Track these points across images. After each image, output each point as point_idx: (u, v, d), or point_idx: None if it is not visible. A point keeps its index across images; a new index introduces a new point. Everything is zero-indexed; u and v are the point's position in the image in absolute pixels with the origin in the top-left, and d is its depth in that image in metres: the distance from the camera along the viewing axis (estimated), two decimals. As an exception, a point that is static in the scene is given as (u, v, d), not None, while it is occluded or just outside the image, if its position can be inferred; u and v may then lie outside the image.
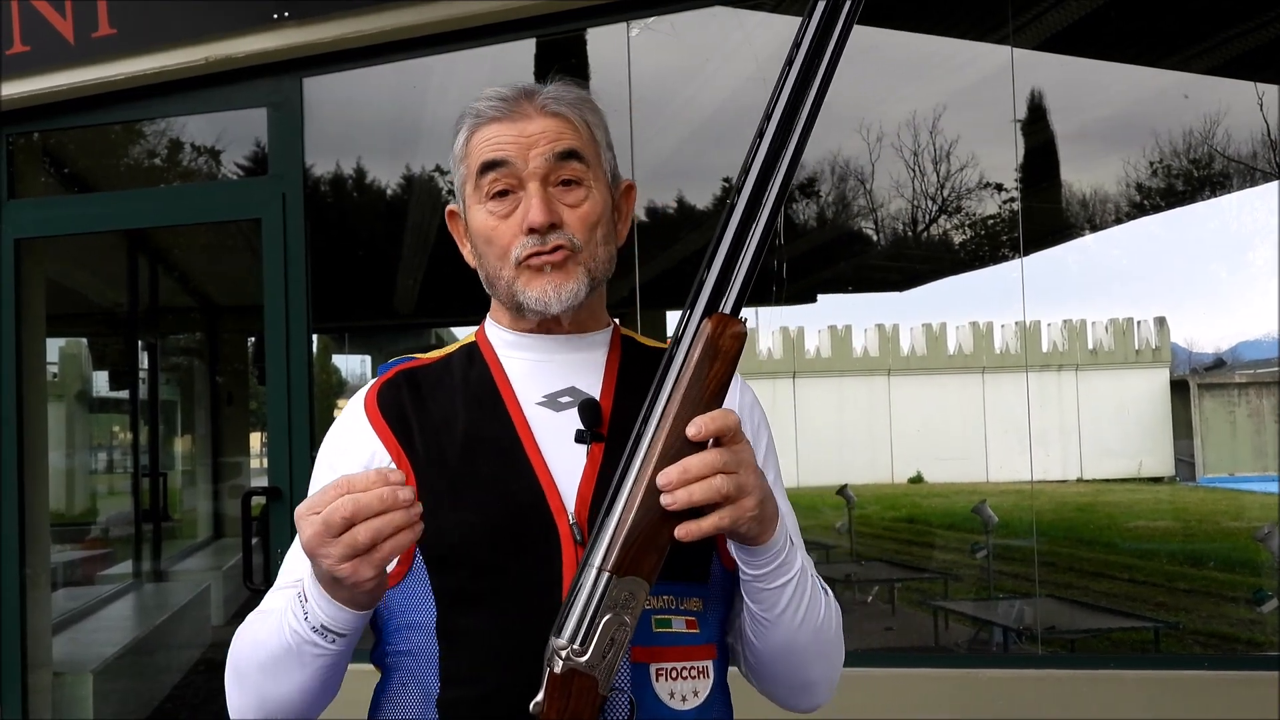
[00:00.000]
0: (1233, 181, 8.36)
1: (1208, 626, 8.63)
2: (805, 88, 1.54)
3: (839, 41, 1.55)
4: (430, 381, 1.77)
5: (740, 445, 1.48)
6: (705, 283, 1.51)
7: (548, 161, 1.67)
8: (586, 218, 1.69)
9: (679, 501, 1.43)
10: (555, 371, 1.75)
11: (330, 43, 5.56)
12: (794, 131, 1.53)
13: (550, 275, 1.67)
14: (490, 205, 1.69)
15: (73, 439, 10.86)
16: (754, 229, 1.51)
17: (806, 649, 1.69)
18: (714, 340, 1.48)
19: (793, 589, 1.61)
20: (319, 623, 1.50)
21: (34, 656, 6.16)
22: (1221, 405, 12.28)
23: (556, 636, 1.47)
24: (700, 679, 1.66)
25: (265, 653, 1.59)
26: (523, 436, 1.68)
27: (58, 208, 6.45)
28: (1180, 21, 6.58)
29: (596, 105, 1.78)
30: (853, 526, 10.15)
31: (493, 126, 1.69)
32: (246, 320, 11.63)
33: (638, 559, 1.45)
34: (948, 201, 8.72)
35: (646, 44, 5.59)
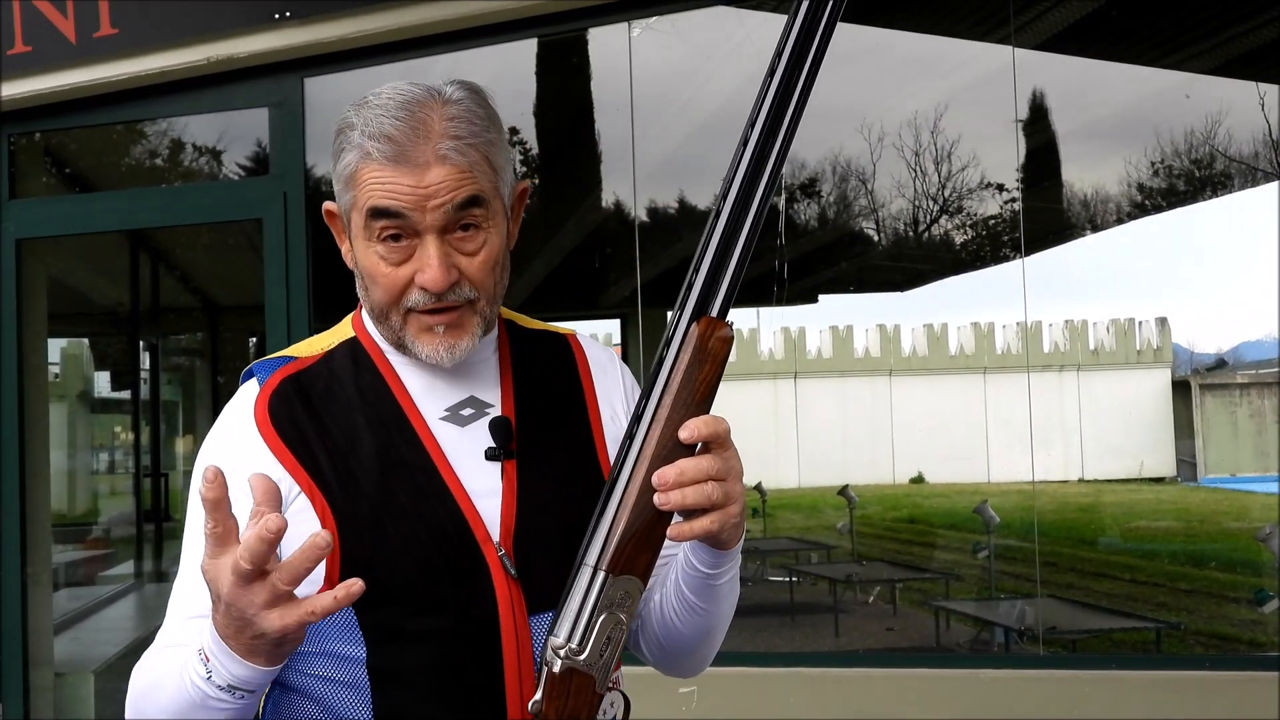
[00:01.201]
0: (1234, 181, 8.36)
1: (1209, 627, 8.63)
2: (788, 94, 1.53)
3: (819, 49, 1.54)
4: (320, 390, 1.67)
5: (730, 453, 1.49)
6: (693, 286, 1.51)
7: (447, 214, 1.56)
8: (485, 263, 1.61)
9: (672, 503, 1.44)
10: (451, 381, 1.69)
11: (332, 43, 5.56)
12: (777, 137, 1.53)
13: (443, 336, 1.61)
14: (380, 249, 1.60)
15: (74, 439, 10.86)
16: (740, 233, 1.52)
17: (722, 622, 1.72)
18: (703, 343, 1.49)
19: (734, 580, 1.65)
20: (226, 682, 1.42)
21: (35, 656, 6.16)
22: (1223, 405, 12.28)
23: (554, 636, 1.47)
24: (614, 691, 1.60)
25: (168, 700, 1.51)
26: (435, 458, 1.63)
27: (59, 207, 6.45)
28: (1181, 21, 6.58)
29: (496, 120, 1.66)
30: (854, 527, 10.16)
31: (385, 170, 1.56)
32: (248, 320, 11.62)
33: (633, 558, 1.46)
34: (949, 201, 8.73)
35: (648, 44, 5.59)
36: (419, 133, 1.56)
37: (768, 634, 8.02)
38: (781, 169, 1.55)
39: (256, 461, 1.57)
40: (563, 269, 8.18)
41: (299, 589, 1.36)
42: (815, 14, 1.52)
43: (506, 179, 1.66)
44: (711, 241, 1.52)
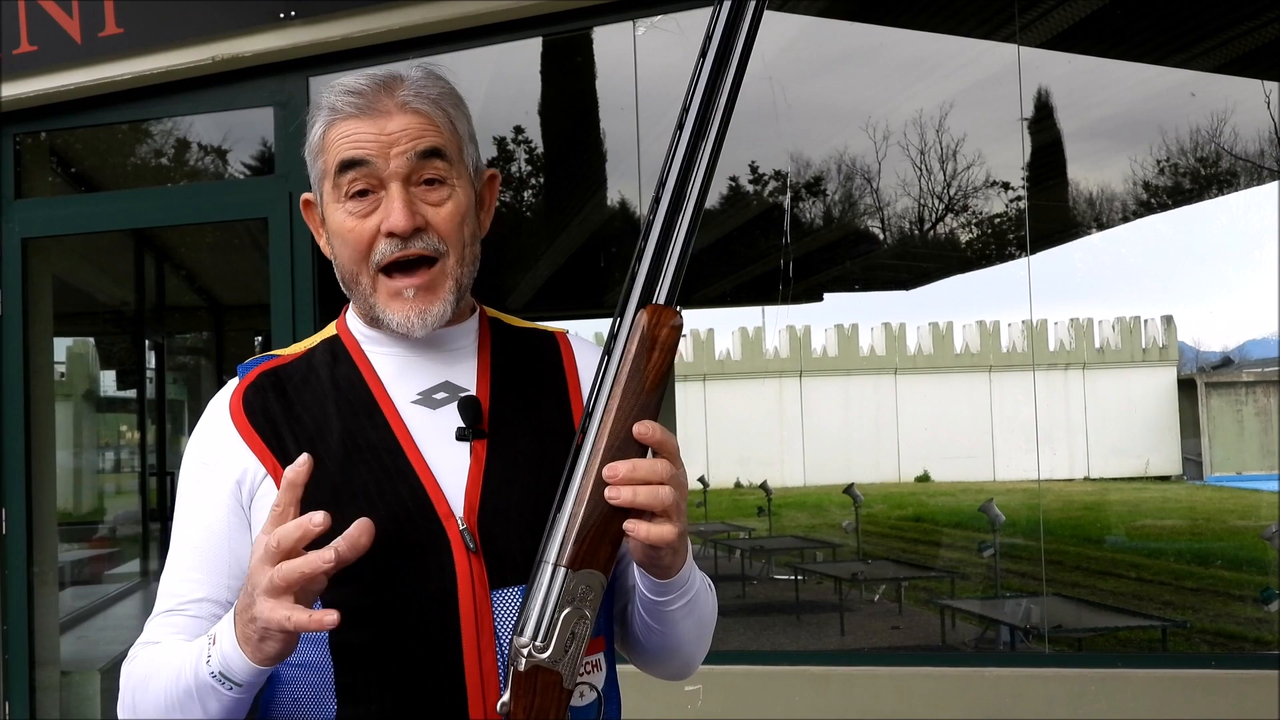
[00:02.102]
0: (1240, 180, 8.35)
1: (1215, 625, 8.62)
2: (719, 78, 1.54)
3: (750, 31, 1.55)
4: (296, 383, 1.71)
5: (681, 470, 1.49)
6: (637, 276, 1.51)
7: (410, 161, 1.62)
8: (451, 217, 1.65)
9: (622, 498, 1.43)
10: (426, 367, 1.72)
11: (336, 42, 5.56)
12: (712, 121, 1.54)
13: (414, 301, 1.64)
14: (349, 205, 1.64)
15: (80, 438, 10.86)
16: (680, 221, 1.52)
17: (694, 642, 1.72)
18: (650, 331, 1.49)
19: (688, 606, 1.63)
20: (218, 669, 1.46)
21: (41, 655, 6.18)
22: (1229, 404, 12.25)
23: (518, 635, 1.46)
24: (595, 673, 1.66)
25: (164, 694, 1.55)
26: (402, 439, 1.65)
27: (65, 207, 6.46)
28: (1187, 19, 6.58)
29: (459, 97, 1.73)
30: (859, 525, 10.15)
31: (350, 123, 1.64)
32: (254, 319, 11.62)
33: (592, 551, 1.45)
34: (954, 200, 8.72)
35: (652, 43, 5.59)
36: (383, 88, 1.65)
37: (773, 632, 8.02)
38: (718, 156, 1.55)
39: (229, 449, 1.65)
40: (567, 268, 8.19)
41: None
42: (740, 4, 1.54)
43: (470, 152, 1.71)
44: (653, 231, 1.52)
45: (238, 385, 1.72)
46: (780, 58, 6.45)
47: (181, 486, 1.72)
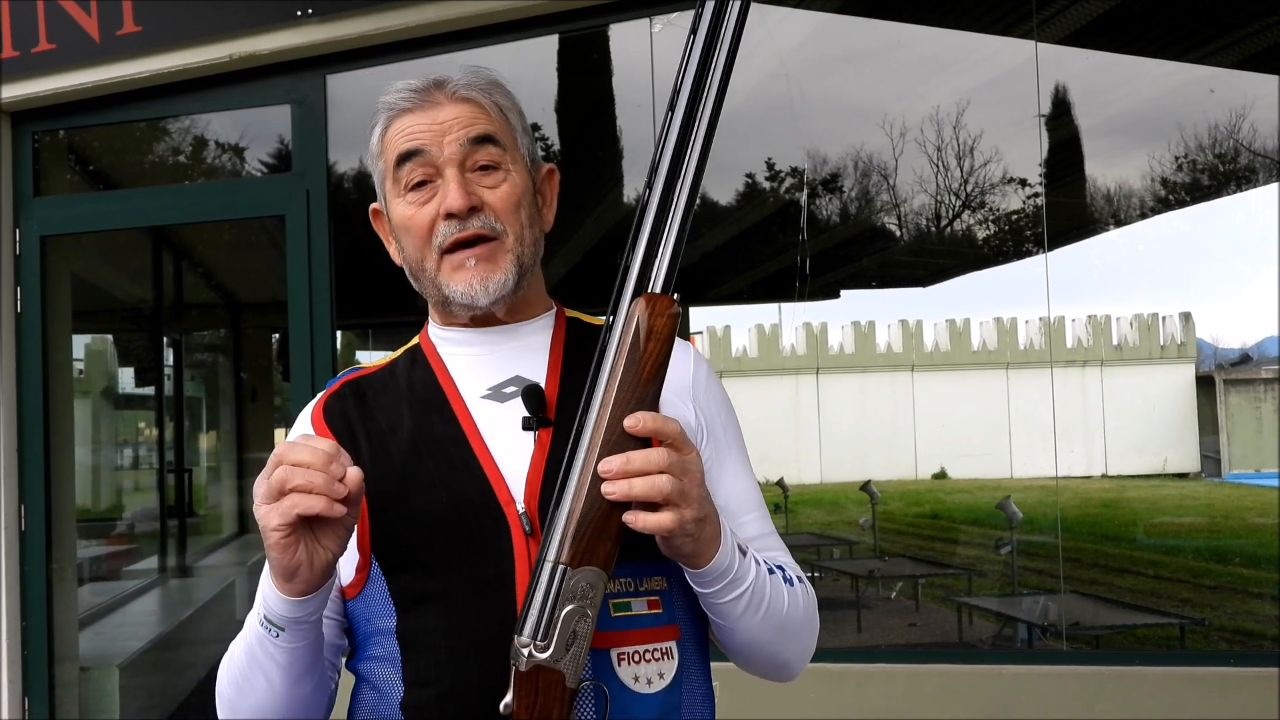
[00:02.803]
0: (1258, 176, 8.32)
1: (1233, 623, 8.60)
2: (708, 62, 1.52)
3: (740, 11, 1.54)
4: (376, 389, 1.76)
5: (689, 455, 1.48)
6: (631, 265, 1.51)
7: (463, 147, 1.66)
8: (507, 198, 1.68)
9: (618, 492, 1.43)
10: (498, 363, 1.74)
11: (353, 40, 5.57)
12: (703, 106, 1.52)
13: (475, 269, 1.67)
14: (409, 196, 1.69)
15: (98, 435, 10.90)
16: (674, 207, 1.51)
17: (772, 642, 1.69)
18: (647, 319, 1.48)
19: (746, 601, 1.61)
20: (262, 614, 1.52)
21: (60, 651, 6.20)
22: (1247, 401, 12.21)
23: (519, 635, 1.46)
24: (665, 660, 1.64)
25: (236, 667, 1.62)
26: (468, 432, 1.67)
27: (83, 205, 6.48)
28: (1205, 15, 6.56)
29: (509, 90, 1.77)
30: (876, 522, 10.14)
31: (405, 118, 1.69)
32: (270, 316, 11.65)
33: (591, 549, 1.45)
34: (971, 197, 8.70)
35: (669, 40, 5.59)
36: (435, 84, 1.71)
37: (789, 630, 8.00)
38: (711, 139, 1.54)
39: None
40: (584, 264, 8.19)
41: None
42: None
43: (524, 142, 1.75)
44: (646, 217, 1.51)
45: (323, 394, 1.80)
46: (796, 54, 6.45)
47: None
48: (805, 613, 1.72)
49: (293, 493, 1.41)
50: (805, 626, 1.73)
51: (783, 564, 1.72)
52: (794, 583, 1.71)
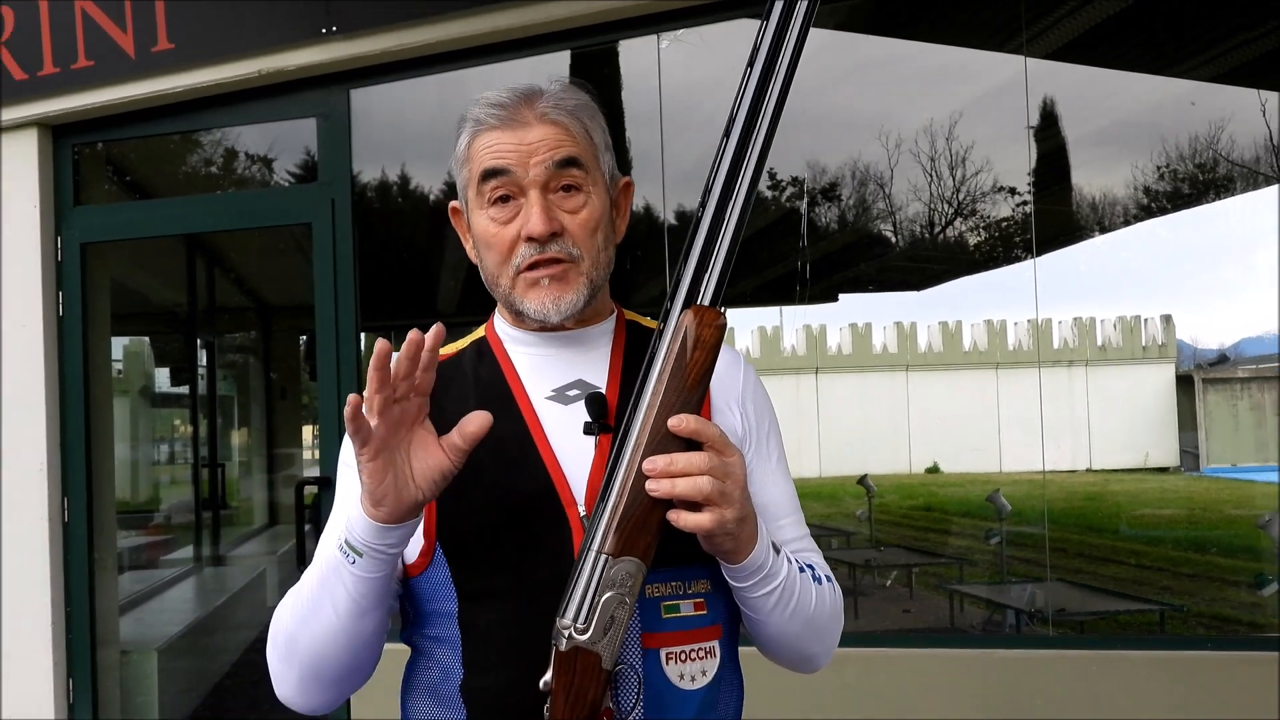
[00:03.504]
0: (1236, 185, 8.29)
1: (1211, 609, 8.58)
2: (765, 90, 1.52)
3: (797, 44, 1.53)
4: (444, 380, 1.70)
5: (732, 458, 1.48)
6: (683, 277, 1.51)
7: (548, 170, 1.64)
8: (586, 224, 1.67)
9: (661, 490, 1.44)
10: (563, 365, 1.73)
11: (376, 56, 5.57)
12: (757, 130, 1.52)
13: (548, 288, 1.66)
14: (491, 211, 1.67)
15: (136, 432, 10.92)
16: (726, 225, 1.51)
17: (799, 636, 1.69)
18: (696, 330, 1.48)
19: (777, 597, 1.61)
20: (344, 539, 1.52)
21: (102, 635, 6.21)
22: (1225, 399, 12.19)
23: (561, 617, 1.48)
24: (708, 659, 1.65)
25: (303, 598, 1.61)
26: (533, 431, 1.67)
27: (120, 214, 6.48)
28: (1186, 31, 6.54)
29: (596, 108, 1.75)
30: (873, 514, 10.14)
31: (493, 134, 1.66)
32: (299, 319, 11.68)
33: (632, 541, 1.46)
34: (963, 205, 8.68)
35: (676, 55, 5.58)
36: (524, 100, 1.67)
37: (790, 616, 7.99)
38: (764, 162, 1.54)
39: None
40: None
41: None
42: (787, 18, 1.52)
43: (605, 160, 1.73)
44: (699, 234, 1.51)
45: None
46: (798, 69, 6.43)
47: (340, 471, 1.78)
48: (831, 609, 1.72)
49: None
50: (831, 622, 1.73)
51: (813, 563, 1.73)
52: (822, 581, 1.72)
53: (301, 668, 1.63)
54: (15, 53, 5.97)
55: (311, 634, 1.61)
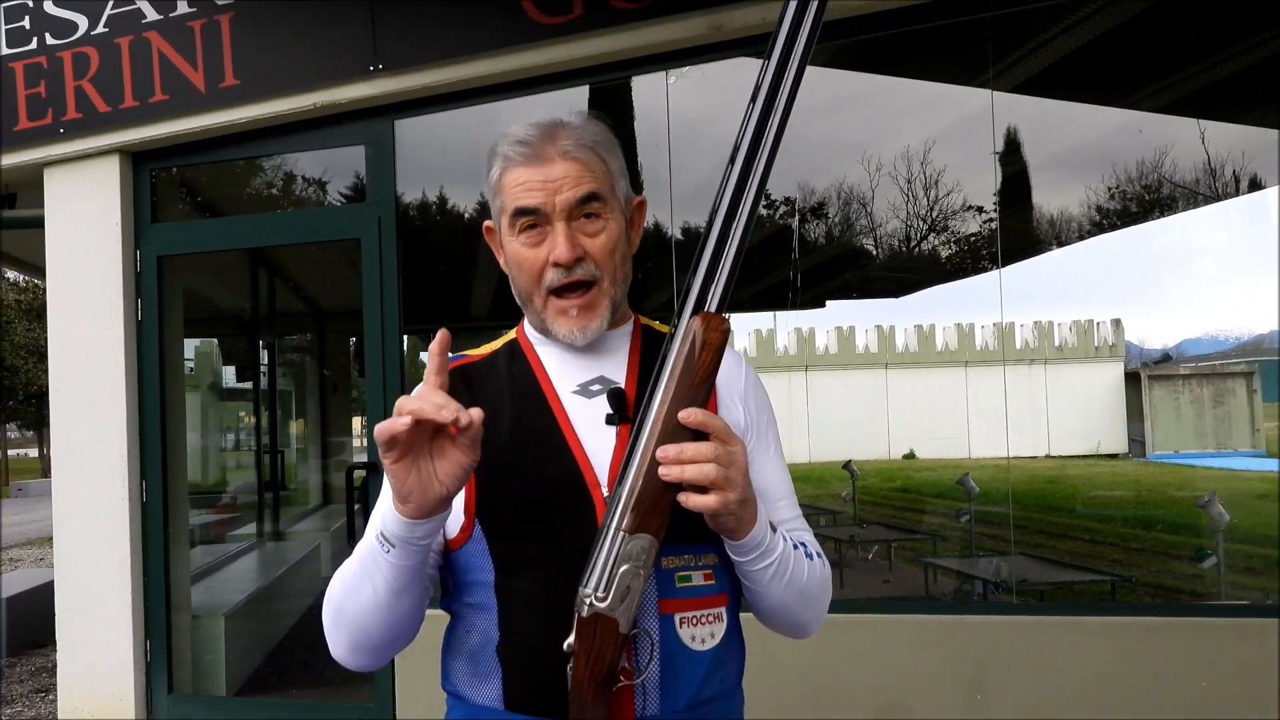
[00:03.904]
0: (1178, 204, 8.28)
1: (1156, 580, 8.56)
2: (765, 124, 1.53)
3: (794, 84, 1.54)
4: (480, 376, 1.75)
5: (735, 447, 1.49)
6: (692, 287, 1.52)
7: (570, 204, 1.64)
8: (605, 246, 1.67)
9: (672, 476, 1.45)
10: (586, 364, 1.73)
11: (418, 90, 5.57)
12: (759, 160, 1.53)
13: (577, 317, 1.67)
14: (522, 238, 1.68)
15: (206, 423, 10.92)
16: (730, 242, 1.52)
17: (792, 606, 1.69)
18: (703, 334, 1.50)
19: (774, 570, 1.61)
20: (380, 531, 1.52)
21: (176, 602, 6.23)
22: (1168, 394, 12.18)
23: (584, 587, 1.49)
24: (716, 623, 1.65)
25: (350, 573, 1.61)
26: (561, 422, 1.67)
27: (192, 230, 6.49)
28: (1134, 67, 6.52)
29: (612, 137, 1.74)
30: (856, 495, 10.11)
31: (521, 170, 1.66)
32: (349, 323, 11.64)
33: (646, 520, 1.47)
34: (936, 221, 8.66)
35: (683, 89, 5.57)
36: (547, 138, 1.66)
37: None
38: (765, 187, 1.54)
39: None
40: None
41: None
42: (785, 60, 1.54)
43: (621, 186, 1.73)
44: (706, 249, 1.52)
45: None
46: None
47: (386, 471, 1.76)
48: (821, 582, 1.73)
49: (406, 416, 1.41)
50: (820, 593, 1.73)
51: (805, 541, 1.73)
52: (813, 557, 1.72)
53: (349, 635, 1.64)
54: (100, 88, 5.98)
55: (356, 609, 1.61)
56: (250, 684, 6.91)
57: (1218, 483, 11.34)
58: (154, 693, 6.11)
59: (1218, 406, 12.45)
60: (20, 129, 6.12)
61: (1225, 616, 4.85)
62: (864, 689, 5.04)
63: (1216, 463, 12.26)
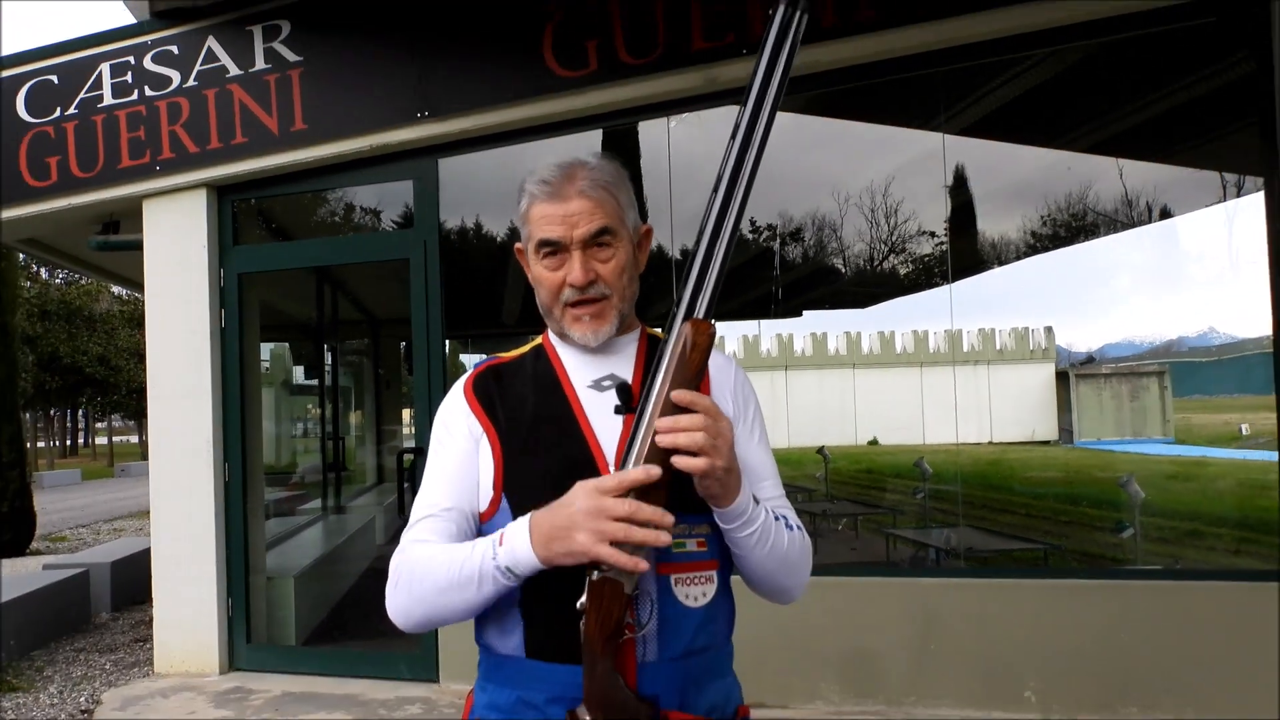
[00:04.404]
0: (1100, 229, 8.26)
1: (1082, 548, 8.54)
2: (743, 159, 1.55)
3: (766, 126, 1.55)
4: (510, 373, 1.75)
5: (722, 422, 1.49)
6: (682, 297, 1.53)
7: (585, 236, 1.65)
8: (614, 270, 1.67)
9: (667, 441, 1.46)
10: (598, 363, 1.73)
11: (457, 134, 5.58)
12: (737, 189, 1.55)
13: (589, 322, 1.67)
14: (545, 263, 1.68)
15: (279, 414, 10.93)
16: (714, 258, 1.53)
17: (775, 572, 1.67)
18: (692, 337, 1.51)
19: (756, 537, 1.60)
20: (505, 565, 1.51)
21: (253, 565, 6.24)
22: (1092, 390, 12.16)
23: None
24: (707, 584, 1.63)
25: (445, 577, 1.57)
26: (576, 411, 1.67)
27: (267, 251, 6.50)
28: (1064, 114, 6.52)
29: (623, 176, 1.74)
30: (828, 476, 10.11)
31: (545, 205, 1.66)
32: (399, 330, 11.65)
33: (647, 490, 1.46)
34: (896, 244, 8.65)
35: (682, 133, 5.58)
36: (567, 178, 1.67)
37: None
38: (744, 211, 1.55)
39: (464, 414, 1.71)
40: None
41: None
42: (758, 106, 1.55)
43: (630, 217, 1.72)
44: (693, 268, 1.53)
45: (471, 374, 1.78)
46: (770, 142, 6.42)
47: (433, 440, 1.76)
48: (800, 551, 1.70)
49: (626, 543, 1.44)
50: (800, 561, 1.71)
51: (786, 515, 1.71)
52: (793, 529, 1.70)
53: (425, 619, 1.62)
54: (190, 132, 5.99)
55: (445, 606, 1.59)
56: (315, 634, 6.92)
57: (1134, 465, 11.33)
58: (234, 641, 6.12)
59: (1134, 400, 12.44)
60: (123, 166, 6.13)
61: (1140, 579, 4.84)
62: (835, 639, 5.04)
63: (1133, 448, 12.25)
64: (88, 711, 5.60)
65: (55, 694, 5.97)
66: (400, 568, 1.64)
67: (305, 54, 5.74)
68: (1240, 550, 7.89)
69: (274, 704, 5.46)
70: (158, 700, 5.62)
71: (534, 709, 1.60)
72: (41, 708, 5.72)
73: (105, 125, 6.14)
